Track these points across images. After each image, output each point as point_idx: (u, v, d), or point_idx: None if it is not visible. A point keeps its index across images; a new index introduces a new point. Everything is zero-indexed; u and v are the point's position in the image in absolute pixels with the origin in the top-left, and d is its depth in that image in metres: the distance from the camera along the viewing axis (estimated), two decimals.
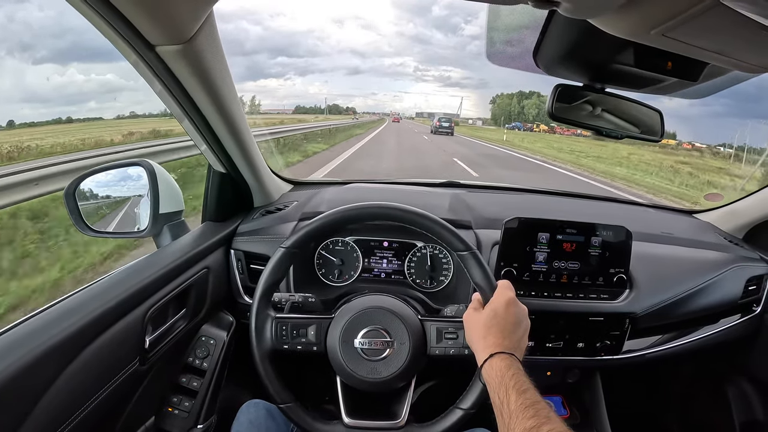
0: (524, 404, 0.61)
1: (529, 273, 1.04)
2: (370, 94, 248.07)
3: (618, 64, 0.89)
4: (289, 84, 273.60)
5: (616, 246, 1.06)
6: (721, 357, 1.37)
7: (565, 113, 0.98)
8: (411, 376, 0.85)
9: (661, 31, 0.66)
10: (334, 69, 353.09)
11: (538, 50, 0.95)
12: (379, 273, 1.12)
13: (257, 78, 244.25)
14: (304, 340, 0.84)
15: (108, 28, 0.68)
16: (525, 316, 0.78)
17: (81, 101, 30.82)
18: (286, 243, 0.87)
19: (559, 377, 1.17)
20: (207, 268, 1.05)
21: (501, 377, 0.67)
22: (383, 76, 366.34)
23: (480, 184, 1.48)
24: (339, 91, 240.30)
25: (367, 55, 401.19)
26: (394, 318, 0.84)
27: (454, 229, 0.87)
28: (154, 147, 6.71)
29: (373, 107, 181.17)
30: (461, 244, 0.85)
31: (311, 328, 0.85)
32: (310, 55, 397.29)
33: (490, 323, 0.75)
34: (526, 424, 0.58)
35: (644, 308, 1.08)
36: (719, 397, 1.43)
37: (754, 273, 1.26)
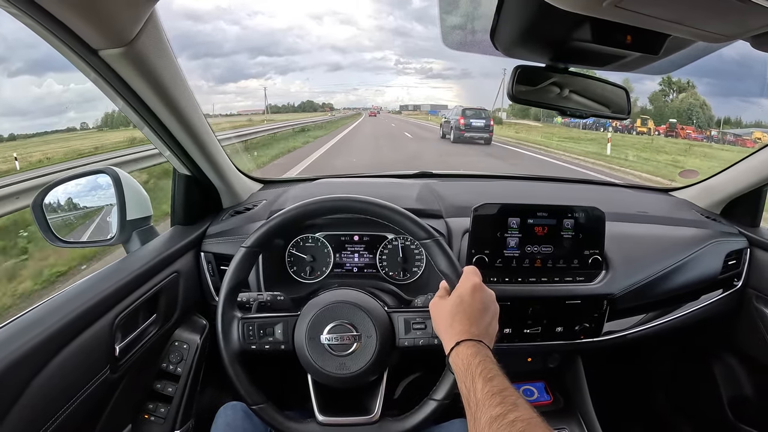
0: (491, 392, 0.60)
1: (501, 259, 1.02)
2: (352, 90, 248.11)
3: (577, 41, 0.87)
4: (270, 84, 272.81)
5: (589, 227, 1.04)
6: (704, 333, 1.36)
7: (528, 95, 0.96)
8: (382, 370, 0.84)
9: (614, 2, 0.65)
10: (314, 66, 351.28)
11: (495, 32, 0.93)
12: (352, 267, 1.11)
13: (237, 79, 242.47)
14: (272, 339, 0.83)
15: (50, 36, 0.67)
16: (492, 301, 0.76)
17: (60, 112, 30.73)
18: (246, 242, 0.85)
19: (540, 363, 1.17)
20: (177, 272, 1.03)
21: (467, 365, 0.65)
22: (364, 71, 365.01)
23: (452, 173, 1.47)
24: (321, 88, 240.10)
25: (347, 50, 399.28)
26: (359, 312, 0.82)
27: (415, 218, 0.85)
28: (127, 156, 6.67)
29: (355, 102, 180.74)
30: (423, 233, 0.84)
31: (278, 327, 0.84)
32: (290, 53, 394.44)
33: (455, 310, 0.73)
34: (492, 412, 0.57)
35: (622, 289, 1.07)
36: (705, 373, 1.42)
37: (733, 247, 1.25)
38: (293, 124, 19.45)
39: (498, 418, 0.55)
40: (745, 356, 1.35)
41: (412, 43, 54.81)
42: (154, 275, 0.96)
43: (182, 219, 1.14)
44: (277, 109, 67.75)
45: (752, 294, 1.29)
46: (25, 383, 0.64)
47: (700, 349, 1.45)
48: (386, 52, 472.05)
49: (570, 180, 1.54)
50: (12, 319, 0.73)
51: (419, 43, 48.64)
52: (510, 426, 0.54)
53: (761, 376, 1.32)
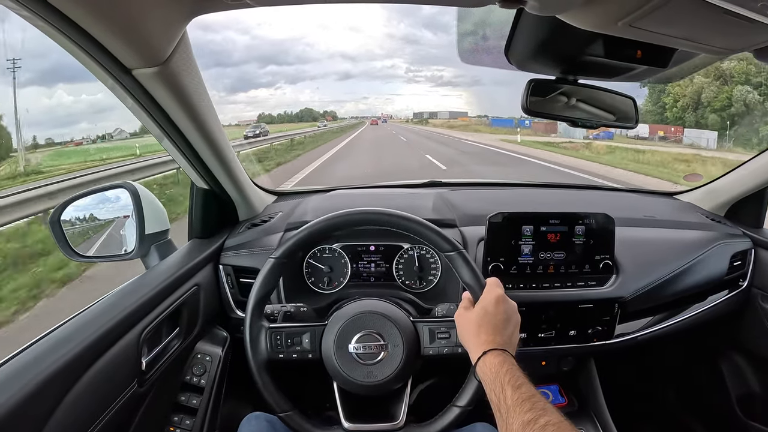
0: (520, 398, 0.62)
1: (516, 266, 1.05)
2: (362, 99, 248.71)
3: (588, 56, 0.90)
4: (279, 93, 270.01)
5: (599, 233, 1.07)
6: (712, 333, 1.39)
7: (541, 107, 0.99)
8: (407, 378, 0.86)
9: (629, 22, 0.68)
10: (324, 75, 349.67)
11: (510, 47, 0.97)
12: (368, 277, 1.13)
13: (247, 89, 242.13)
14: (299, 348, 0.86)
15: (83, 54, 0.69)
16: (515, 312, 0.79)
17: (72, 122, 30.80)
18: (275, 254, 0.88)
19: (554, 366, 1.19)
20: (197, 285, 1.05)
21: (495, 374, 0.68)
22: (374, 79, 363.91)
23: (461, 182, 1.49)
24: (330, 97, 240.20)
25: (357, 58, 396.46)
26: (386, 321, 0.85)
27: (439, 230, 0.88)
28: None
29: (365, 111, 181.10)
30: (448, 245, 0.87)
31: (305, 336, 0.86)
32: (299, 62, 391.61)
33: (481, 321, 0.76)
34: (524, 418, 0.59)
35: (632, 292, 1.10)
36: (714, 372, 1.45)
37: (738, 249, 1.28)
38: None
39: (530, 423, 0.58)
40: (752, 354, 1.38)
41: (423, 51, 53.79)
42: (175, 289, 0.98)
43: (200, 232, 1.16)
44: (272, 118, 63.86)
45: (757, 293, 1.32)
46: (59, 399, 0.65)
47: (708, 349, 1.47)
48: (396, 60, 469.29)
49: (577, 186, 1.56)
50: (43, 335, 0.74)
51: (430, 51, 47.85)
52: (542, 430, 0.57)
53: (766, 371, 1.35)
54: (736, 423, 1.40)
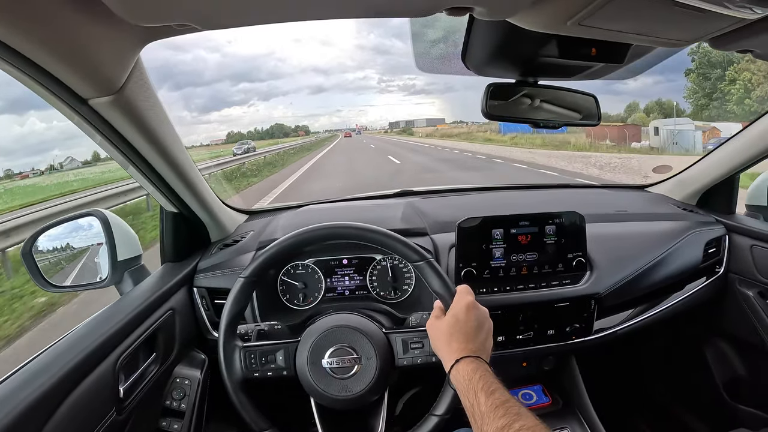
0: (494, 404, 0.62)
1: (488, 270, 1.05)
2: (335, 111, 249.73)
3: (545, 57, 0.90)
4: (253, 110, 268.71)
5: (570, 231, 1.08)
6: (693, 321, 1.40)
7: (502, 111, 1.00)
8: (383, 389, 0.86)
9: (577, 21, 0.68)
10: (297, 90, 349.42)
11: (466, 53, 0.97)
12: (343, 291, 1.12)
13: (221, 107, 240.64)
14: (274, 366, 0.86)
15: (38, 86, 0.68)
16: (486, 318, 0.79)
17: (45, 150, 30.11)
18: (244, 273, 0.88)
19: (536, 366, 1.19)
20: (172, 309, 1.04)
21: (469, 381, 0.68)
22: (347, 92, 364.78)
23: (432, 189, 1.49)
24: (304, 111, 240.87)
25: (329, 71, 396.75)
26: (358, 335, 0.85)
27: (407, 241, 0.88)
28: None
29: (339, 124, 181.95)
30: (415, 255, 0.87)
31: (279, 354, 0.86)
32: (272, 78, 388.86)
33: (452, 329, 0.76)
34: (498, 423, 0.59)
35: (607, 287, 1.10)
36: (699, 359, 1.46)
37: (712, 236, 1.29)
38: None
39: (504, 428, 0.58)
40: (734, 338, 1.39)
41: (394, 61, 54.04)
42: (150, 314, 0.97)
43: (172, 256, 1.15)
44: (242, 136, 60.11)
45: (735, 278, 1.33)
46: (38, 430, 0.64)
47: (690, 337, 1.48)
48: (368, 71, 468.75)
49: (548, 186, 1.57)
50: (19, 368, 0.73)
51: (401, 60, 48.10)
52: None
53: (751, 355, 1.36)
54: (724, 408, 1.41)
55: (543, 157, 14.30)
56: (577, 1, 0.62)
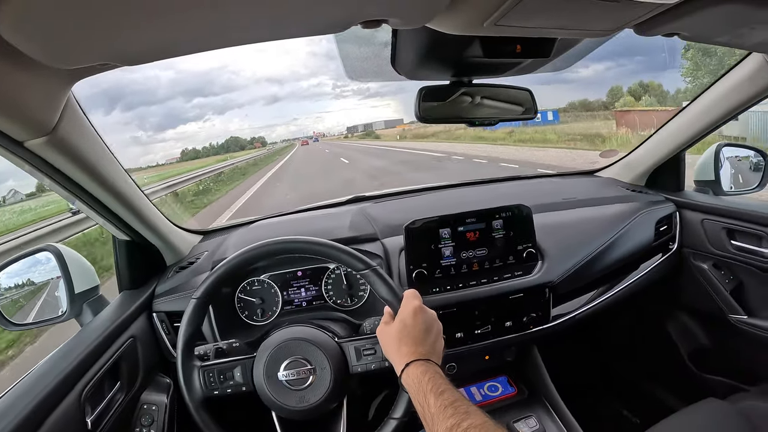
0: (443, 405, 0.64)
1: (440, 270, 1.07)
2: (292, 120, 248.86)
3: (472, 57, 0.91)
4: (209, 125, 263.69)
5: (517, 224, 1.10)
6: (653, 298, 1.43)
7: (437, 112, 1.01)
8: (341, 397, 0.88)
9: (493, 21, 0.69)
10: (252, 101, 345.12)
11: (395, 60, 0.98)
12: (300, 302, 1.13)
13: (176, 125, 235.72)
14: (232, 383, 0.87)
15: None
16: (434, 320, 0.80)
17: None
18: (195, 294, 0.89)
19: (499, 358, 1.21)
20: (133, 336, 1.05)
21: (418, 384, 0.69)
22: (302, 100, 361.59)
23: (384, 193, 1.49)
24: (261, 122, 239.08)
25: (284, 80, 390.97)
26: (310, 346, 0.86)
27: (350, 250, 0.89)
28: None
29: (296, 132, 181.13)
30: (360, 264, 0.88)
31: (237, 370, 0.87)
32: (226, 91, 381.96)
33: (400, 334, 0.77)
34: (447, 423, 0.61)
35: (560, 274, 1.13)
36: (662, 334, 1.50)
37: (662, 214, 1.33)
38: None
39: (453, 427, 0.60)
40: (695, 311, 1.43)
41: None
42: (111, 344, 0.98)
43: (129, 284, 1.15)
44: (197, 153, 57.07)
45: (689, 253, 1.37)
46: None
47: (652, 313, 1.52)
48: (322, 77, 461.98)
49: (497, 180, 1.59)
50: None
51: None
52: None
53: (712, 326, 1.40)
54: (692, 378, 1.45)
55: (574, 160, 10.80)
56: (489, 2, 0.63)
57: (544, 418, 1.10)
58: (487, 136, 21.61)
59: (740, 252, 1.28)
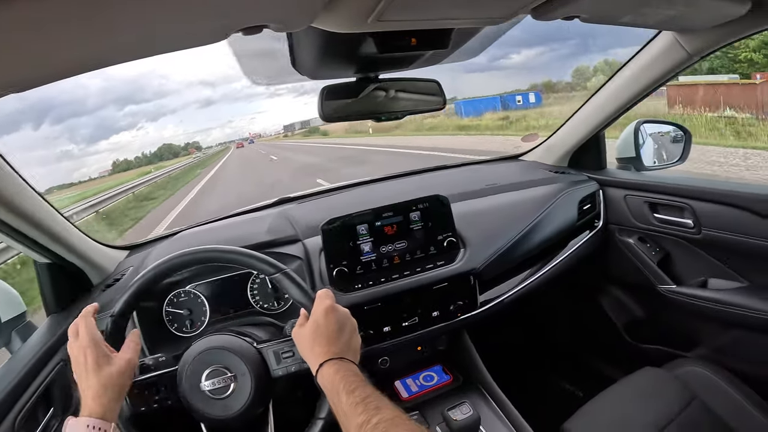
0: (354, 402, 0.65)
1: (360, 266, 1.08)
2: (227, 122, 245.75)
3: (370, 53, 0.91)
4: (142, 133, 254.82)
5: (435, 214, 1.12)
6: (585, 274, 1.48)
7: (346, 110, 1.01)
8: (266, 402, 0.88)
9: (376, 17, 0.70)
10: (185, 105, 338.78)
11: (295, 62, 0.99)
12: (228, 310, 1.13)
13: (108, 135, 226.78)
14: (158, 398, 0.87)
15: None
16: (347, 318, 0.82)
17: None
18: (112, 311, 0.88)
19: (431, 348, 1.23)
20: (63, 360, 1.03)
21: (332, 383, 0.70)
22: (236, 101, 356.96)
23: (309, 193, 1.50)
24: (195, 127, 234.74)
25: (216, 83, 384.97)
26: (228, 353, 0.86)
27: (260, 255, 0.89)
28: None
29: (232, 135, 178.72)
30: (270, 267, 0.88)
31: (161, 384, 0.87)
32: (158, 97, 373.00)
33: (314, 335, 0.78)
34: (358, 420, 0.62)
35: (483, 261, 1.15)
36: (596, 308, 1.55)
37: (585, 193, 1.37)
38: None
39: (363, 424, 0.61)
40: (625, 284, 1.48)
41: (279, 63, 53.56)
42: (41, 370, 0.97)
43: (55, 307, 1.13)
44: (129, 164, 54.34)
45: (614, 228, 1.42)
46: None
47: (585, 289, 1.57)
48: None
49: (420, 171, 1.60)
50: None
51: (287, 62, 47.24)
52: (374, 429, 0.60)
53: (643, 297, 1.46)
54: (627, 348, 1.51)
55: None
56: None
57: (478, 402, 1.11)
58: (472, 125, 18.85)
59: (664, 224, 1.33)
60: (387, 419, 0.60)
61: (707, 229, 1.22)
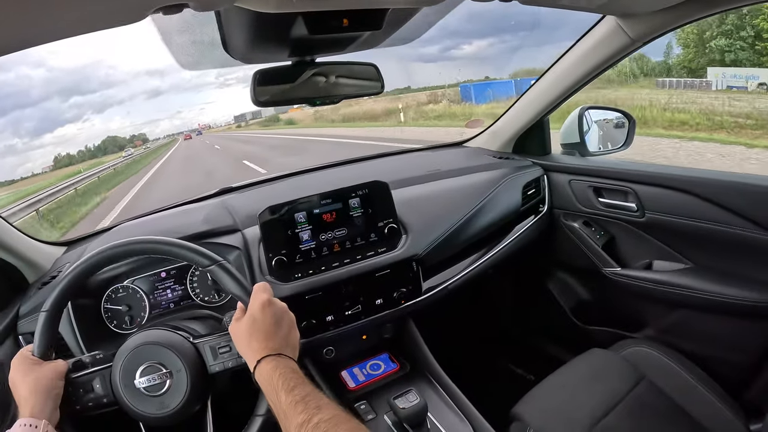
0: (294, 401, 0.63)
1: (299, 254, 1.06)
2: (176, 114, 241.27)
3: (304, 35, 0.88)
4: (88, 126, 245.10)
5: (375, 200, 1.10)
6: (531, 258, 1.49)
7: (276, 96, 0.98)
8: (203, 399, 0.85)
9: None
10: (133, 96, 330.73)
11: (226, 44, 0.95)
12: (168, 304, 1.09)
13: (53, 128, 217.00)
14: (93, 395, 0.82)
15: None
16: (285, 312, 0.79)
17: None
18: (44, 306, 0.83)
19: (376, 337, 1.22)
20: (0, 363, 0.97)
21: (269, 380, 0.68)
22: (185, 92, 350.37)
23: (251, 182, 1.46)
24: (143, 119, 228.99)
25: (165, 72, 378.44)
26: (163, 349, 0.82)
27: (193, 246, 0.86)
28: None
29: (180, 127, 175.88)
30: (205, 260, 0.85)
31: (96, 382, 0.82)
32: (104, 87, 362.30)
33: (251, 330, 0.75)
34: (298, 420, 0.60)
35: (425, 246, 1.14)
36: (543, 292, 1.57)
37: (529, 178, 1.38)
38: None
39: (304, 424, 0.59)
40: (571, 267, 1.51)
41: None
42: None
43: None
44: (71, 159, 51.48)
45: (559, 213, 1.44)
46: None
47: (531, 273, 1.59)
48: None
49: (362, 159, 1.59)
50: None
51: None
52: (315, 429, 0.58)
53: (588, 280, 1.49)
54: (575, 331, 1.54)
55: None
56: None
57: (425, 389, 1.10)
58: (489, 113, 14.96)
59: (608, 208, 1.36)
60: (327, 419, 0.59)
61: (650, 213, 1.25)
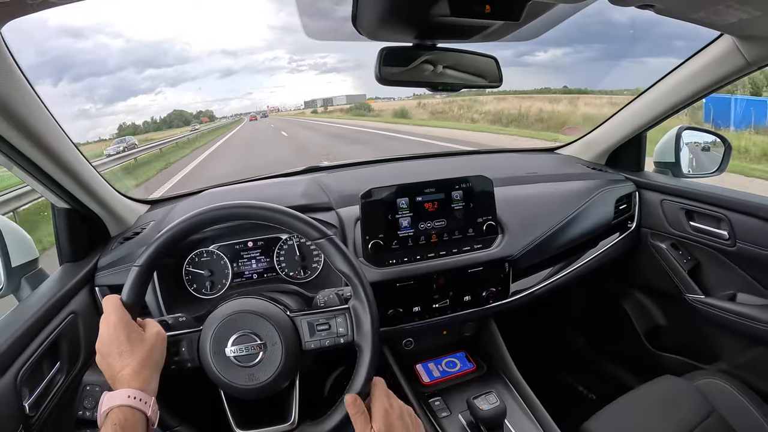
0: None
1: (396, 241, 1.04)
2: (246, 94, 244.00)
3: (438, 17, 0.87)
4: (161, 98, 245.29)
5: (478, 195, 1.08)
6: (611, 275, 1.45)
7: (399, 76, 0.97)
8: (292, 375, 0.82)
9: None
10: (206, 74, 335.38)
11: (356, 17, 0.94)
12: (251, 275, 1.09)
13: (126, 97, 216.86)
14: (177, 359, 0.80)
15: None
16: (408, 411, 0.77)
17: None
18: (138, 261, 0.81)
19: (456, 333, 1.19)
20: (73, 312, 0.98)
21: None
22: (257, 73, 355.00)
23: (338, 164, 1.45)
24: (213, 96, 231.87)
25: (238, 53, 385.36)
26: (261, 319, 0.80)
27: (305, 217, 0.84)
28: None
29: (250, 107, 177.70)
30: (315, 232, 0.82)
31: (182, 345, 0.81)
32: (179, 63, 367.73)
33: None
34: None
35: (520, 249, 1.12)
36: (618, 311, 1.52)
37: (622, 193, 1.34)
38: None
39: None
40: (651, 289, 1.45)
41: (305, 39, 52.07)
42: (49, 321, 0.91)
43: (70, 256, 1.08)
44: (136, 129, 50.77)
45: (647, 232, 1.39)
46: None
47: (609, 291, 1.54)
48: (278, 51, 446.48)
49: (457, 153, 1.57)
50: None
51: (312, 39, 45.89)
52: None
53: (668, 305, 1.43)
54: (647, 356, 1.48)
55: None
56: None
57: (504, 393, 1.08)
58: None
59: (698, 233, 1.30)
60: None
61: (742, 242, 1.20)
